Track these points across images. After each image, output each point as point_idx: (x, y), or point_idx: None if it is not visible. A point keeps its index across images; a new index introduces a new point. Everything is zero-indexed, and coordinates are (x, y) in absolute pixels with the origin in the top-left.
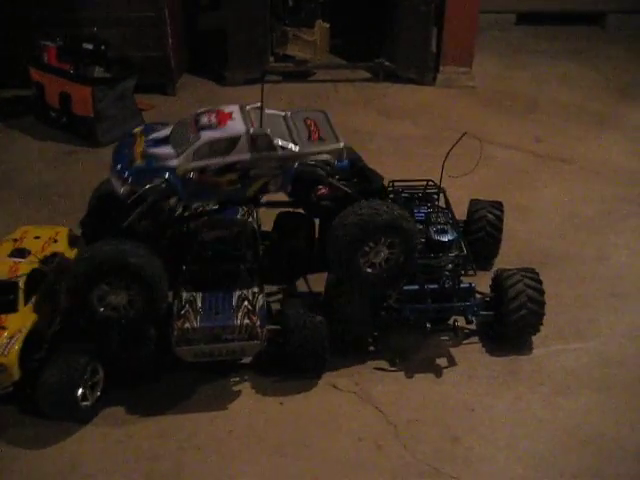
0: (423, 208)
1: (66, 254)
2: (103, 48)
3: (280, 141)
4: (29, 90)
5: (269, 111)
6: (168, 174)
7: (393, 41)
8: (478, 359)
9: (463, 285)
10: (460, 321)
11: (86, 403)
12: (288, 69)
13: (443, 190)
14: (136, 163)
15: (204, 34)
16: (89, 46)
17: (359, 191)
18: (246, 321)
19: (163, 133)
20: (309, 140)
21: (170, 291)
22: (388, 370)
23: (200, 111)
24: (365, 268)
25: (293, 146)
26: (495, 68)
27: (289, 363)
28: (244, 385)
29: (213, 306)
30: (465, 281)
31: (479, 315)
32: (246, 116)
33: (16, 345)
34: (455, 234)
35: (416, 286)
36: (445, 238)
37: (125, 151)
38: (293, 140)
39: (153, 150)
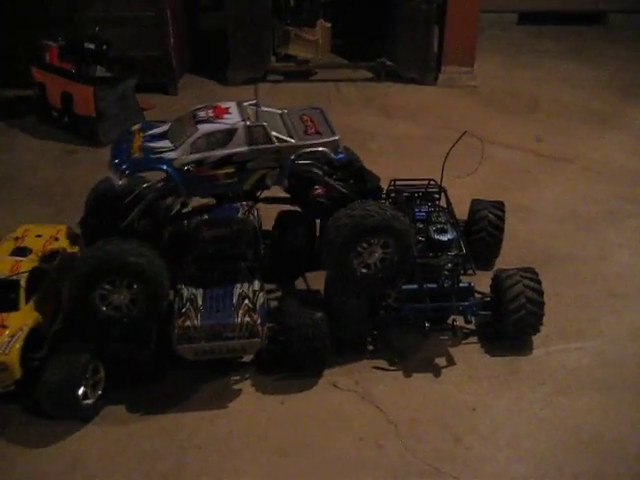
0: (424, 207)
1: (67, 252)
2: (105, 48)
3: (276, 133)
4: (31, 90)
5: (266, 108)
6: (166, 166)
7: (395, 41)
8: (478, 359)
9: (462, 285)
10: (459, 321)
11: (87, 402)
12: (290, 69)
13: (444, 189)
14: (134, 156)
15: (206, 34)
16: (91, 46)
17: (355, 191)
18: (247, 319)
19: (161, 129)
20: (305, 134)
21: (171, 289)
22: (388, 369)
23: (198, 107)
24: (360, 269)
25: (289, 139)
26: (497, 68)
27: (290, 361)
28: (245, 384)
29: (214, 304)
30: (464, 281)
31: (478, 315)
32: (243, 111)
33: (17, 344)
34: (455, 234)
35: (415, 285)
36: (445, 237)
37: (123, 146)
38: (290, 134)
39: (151, 144)
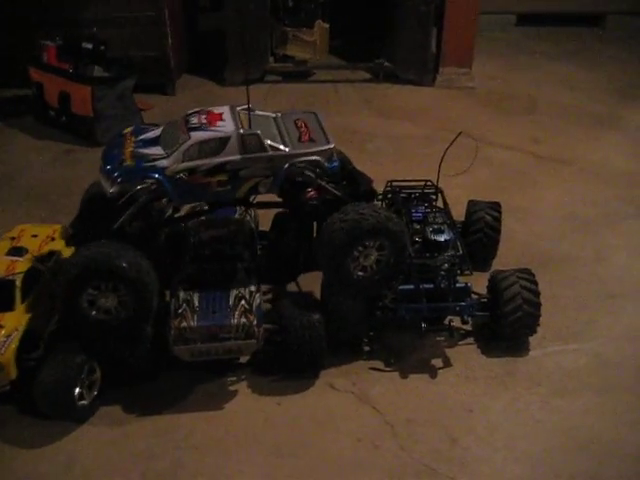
0: (421, 208)
1: (63, 252)
2: (103, 48)
3: (270, 142)
4: (29, 90)
5: (260, 112)
6: (158, 175)
7: (393, 42)
8: (475, 360)
9: (459, 285)
10: (456, 322)
11: (83, 402)
12: (288, 69)
13: (441, 190)
14: (125, 163)
15: (204, 34)
16: (89, 46)
17: (348, 194)
18: (243, 320)
19: (153, 134)
20: (299, 141)
21: (167, 290)
22: (385, 370)
23: (190, 112)
24: (356, 272)
25: (283, 147)
26: (495, 69)
27: (286, 362)
28: (241, 385)
29: (210, 305)
30: (461, 281)
31: (475, 316)
32: (236, 117)
33: (12, 344)
34: (452, 234)
35: (412, 286)
36: (441, 238)
37: (115, 151)
38: (283, 141)
39: (143, 150)
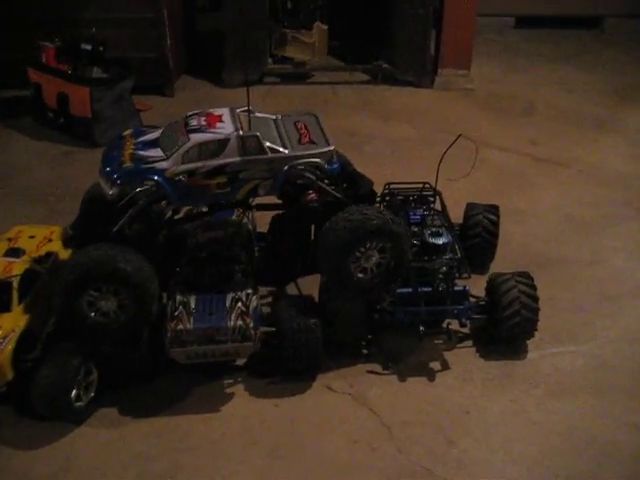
0: (419, 211)
1: (61, 254)
2: (101, 49)
3: (270, 144)
4: (27, 91)
5: (259, 114)
6: (157, 176)
7: (391, 44)
8: (473, 362)
9: (457, 288)
10: (454, 324)
11: (80, 404)
12: (286, 71)
13: (439, 193)
14: (125, 165)
15: (202, 36)
16: (87, 47)
17: (348, 196)
18: (239, 322)
19: (153, 136)
20: (299, 143)
21: (164, 292)
22: (382, 373)
23: (190, 114)
24: (357, 273)
25: (283, 149)
26: (493, 71)
27: (283, 365)
28: (238, 387)
29: (207, 307)
30: (459, 284)
31: (473, 319)
32: (236, 119)
33: (9, 345)
34: (450, 237)
35: (410, 289)
36: (440, 241)
37: (114, 153)
38: (283, 143)
39: (142, 152)
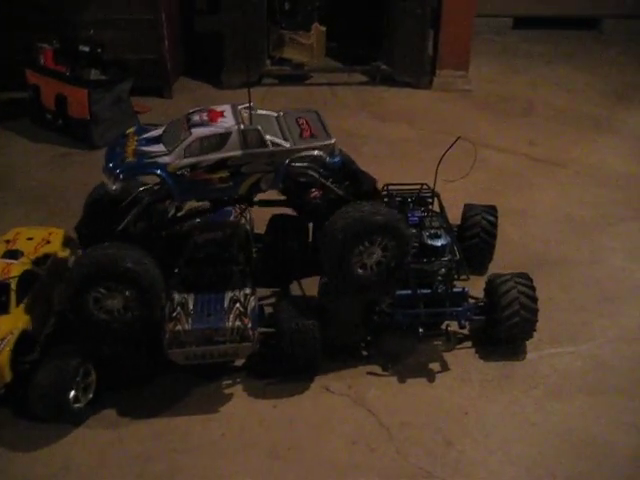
0: (417, 212)
1: (59, 255)
2: (99, 50)
3: (271, 137)
4: (25, 92)
5: (261, 111)
6: (159, 170)
7: (389, 44)
8: (471, 363)
9: (456, 290)
10: (453, 326)
11: (78, 405)
12: (284, 72)
13: (437, 194)
14: (128, 160)
15: (201, 37)
16: (85, 48)
17: (351, 193)
18: (238, 323)
19: (155, 133)
20: (300, 137)
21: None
22: (381, 374)
23: (192, 110)
24: (357, 268)
25: (284, 142)
26: (491, 72)
27: (282, 365)
28: (236, 387)
29: (205, 308)
30: (458, 286)
31: (472, 320)
32: (237, 114)
33: (7, 347)
34: (448, 238)
35: (409, 291)
36: (438, 243)
37: (117, 150)
38: (284, 137)
39: (145, 148)
